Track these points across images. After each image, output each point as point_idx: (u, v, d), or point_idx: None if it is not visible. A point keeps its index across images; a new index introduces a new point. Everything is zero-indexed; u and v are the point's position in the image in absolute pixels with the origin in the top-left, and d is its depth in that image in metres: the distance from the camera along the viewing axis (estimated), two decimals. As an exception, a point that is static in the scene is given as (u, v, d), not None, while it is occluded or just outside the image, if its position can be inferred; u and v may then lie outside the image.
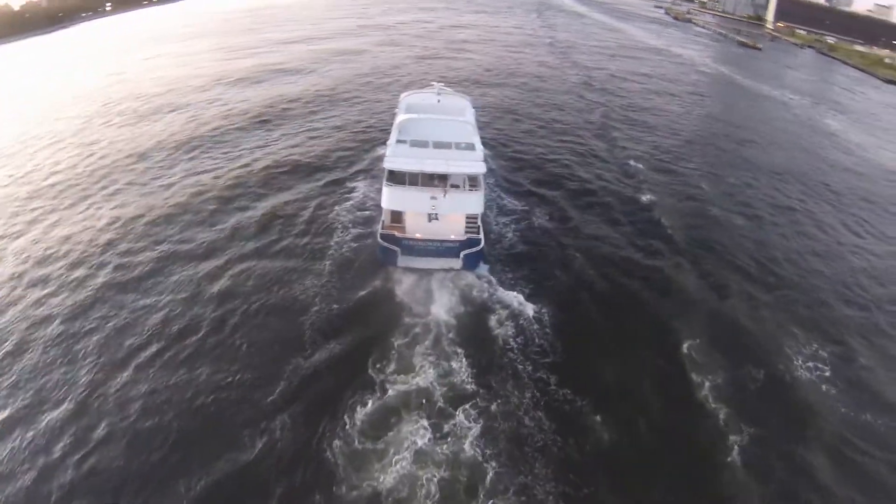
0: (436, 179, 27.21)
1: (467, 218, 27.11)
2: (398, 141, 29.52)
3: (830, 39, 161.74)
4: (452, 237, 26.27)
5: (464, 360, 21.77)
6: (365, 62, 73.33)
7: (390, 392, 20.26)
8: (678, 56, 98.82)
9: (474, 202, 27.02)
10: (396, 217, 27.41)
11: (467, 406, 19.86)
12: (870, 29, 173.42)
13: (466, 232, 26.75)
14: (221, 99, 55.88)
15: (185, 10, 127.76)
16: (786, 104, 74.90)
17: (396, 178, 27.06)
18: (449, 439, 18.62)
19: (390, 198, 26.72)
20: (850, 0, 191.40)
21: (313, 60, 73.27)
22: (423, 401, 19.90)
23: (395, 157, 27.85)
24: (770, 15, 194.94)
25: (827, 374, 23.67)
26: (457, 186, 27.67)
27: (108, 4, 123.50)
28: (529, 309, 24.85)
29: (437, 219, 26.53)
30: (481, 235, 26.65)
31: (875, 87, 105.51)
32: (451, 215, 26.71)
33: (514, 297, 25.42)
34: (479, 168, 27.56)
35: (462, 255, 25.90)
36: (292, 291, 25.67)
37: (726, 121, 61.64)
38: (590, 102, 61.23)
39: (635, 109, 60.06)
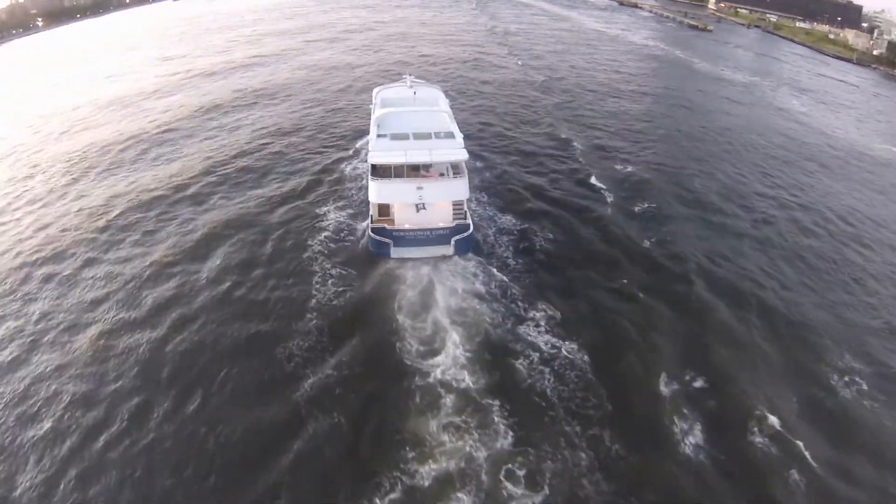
0: (421, 169, 27.95)
1: (454, 205, 27.49)
2: (379, 136, 29.97)
3: (773, 17, 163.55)
4: (441, 225, 26.64)
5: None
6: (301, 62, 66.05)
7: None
8: (632, 43, 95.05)
9: (460, 188, 27.38)
10: (384, 210, 27.80)
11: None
12: (808, 5, 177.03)
13: (454, 218, 27.19)
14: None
15: (116, 23, 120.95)
16: (747, 86, 71.80)
17: (381, 171, 27.47)
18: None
19: (378, 191, 26.94)
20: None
21: (252, 65, 68.88)
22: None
23: (377, 151, 28.29)
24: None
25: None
26: (441, 175, 28.24)
27: (39, 20, 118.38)
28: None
29: (424, 208, 26.94)
30: (469, 220, 27.20)
31: (824, 63, 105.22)
32: (438, 203, 27.04)
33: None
34: (462, 154, 27.97)
35: (453, 241, 26.36)
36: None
37: (696, 111, 57.31)
38: (551, 106, 55.49)
39: (596, 110, 54.82)
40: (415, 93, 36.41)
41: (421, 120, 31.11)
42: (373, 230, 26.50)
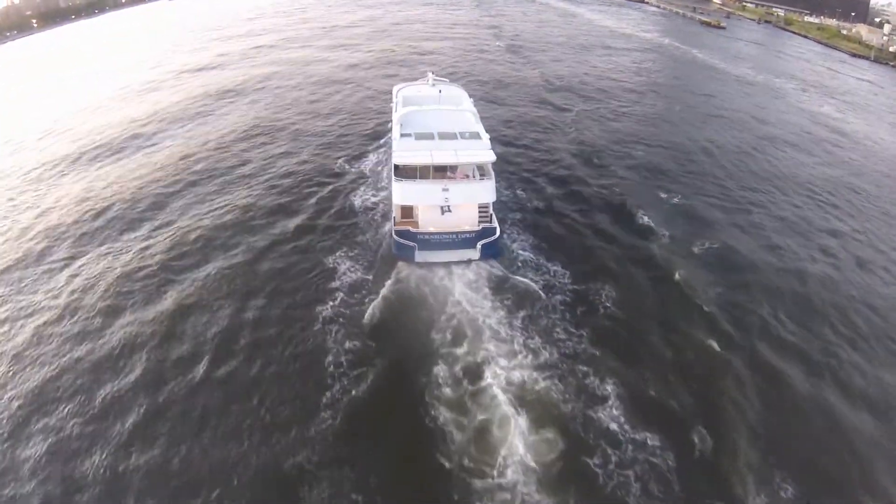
0: (448, 171, 27.09)
1: (480, 207, 26.36)
2: (402, 135, 28.66)
3: (779, 11, 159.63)
4: (467, 228, 25.64)
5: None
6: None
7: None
8: (647, 41, 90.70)
9: (487, 191, 26.28)
10: (407, 212, 26.66)
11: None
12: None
13: (480, 221, 26.10)
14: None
15: (111, 24, 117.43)
16: (775, 91, 67.76)
17: (406, 172, 26.48)
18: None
19: (402, 193, 25.83)
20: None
21: (258, 69, 62.87)
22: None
23: (401, 151, 27.14)
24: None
25: None
26: (466, 177, 27.56)
27: (34, 22, 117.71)
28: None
29: (449, 211, 26.02)
30: (496, 224, 26.13)
31: (841, 61, 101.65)
32: (464, 206, 26.07)
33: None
34: (489, 156, 26.91)
35: (479, 245, 25.25)
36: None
37: (731, 121, 52.91)
38: (572, 116, 51.15)
39: (619, 116, 50.55)
40: (440, 91, 34.93)
41: (446, 119, 30.17)
42: (397, 233, 25.33)
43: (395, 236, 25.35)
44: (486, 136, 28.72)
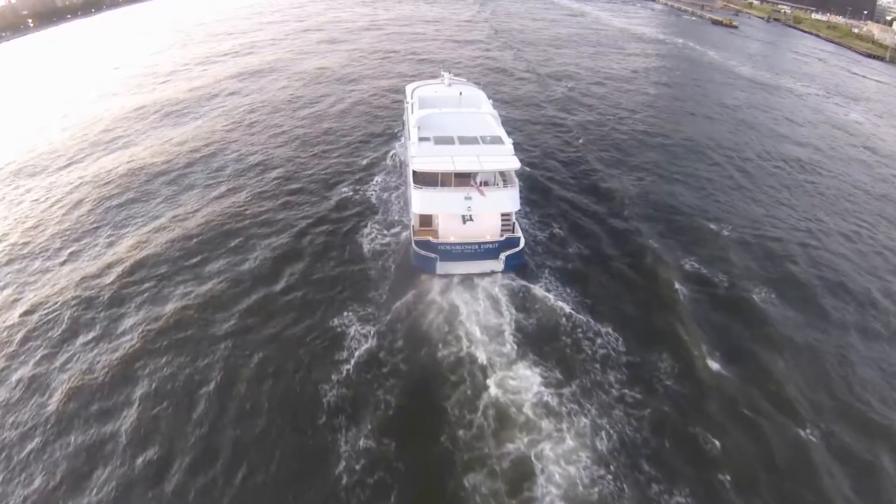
0: (472, 179, 25.32)
1: (502, 216, 25.16)
2: (421, 139, 27.06)
3: (786, 8, 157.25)
4: (489, 238, 24.33)
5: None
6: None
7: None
8: (662, 43, 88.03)
9: (510, 199, 24.95)
10: (426, 220, 25.36)
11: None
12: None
13: (503, 231, 24.91)
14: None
15: (107, 23, 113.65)
16: (799, 97, 65.25)
17: (425, 179, 24.96)
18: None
19: (421, 201, 24.46)
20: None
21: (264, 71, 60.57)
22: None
23: (422, 156, 25.62)
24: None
25: None
26: (486, 183, 25.85)
27: (30, 21, 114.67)
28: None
29: (471, 220, 24.65)
30: (520, 234, 24.92)
31: (856, 62, 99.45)
32: (486, 215, 24.67)
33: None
34: (514, 163, 25.58)
35: (503, 256, 23.84)
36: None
37: (760, 132, 50.36)
38: (593, 130, 48.48)
39: (652, 132, 47.90)
40: (454, 92, 32.66)
41: (466, 122, 28.58)
42: (417, 244, 23.86)
43: (415, 247, 23.78)
44: (508, 141, 27.07)
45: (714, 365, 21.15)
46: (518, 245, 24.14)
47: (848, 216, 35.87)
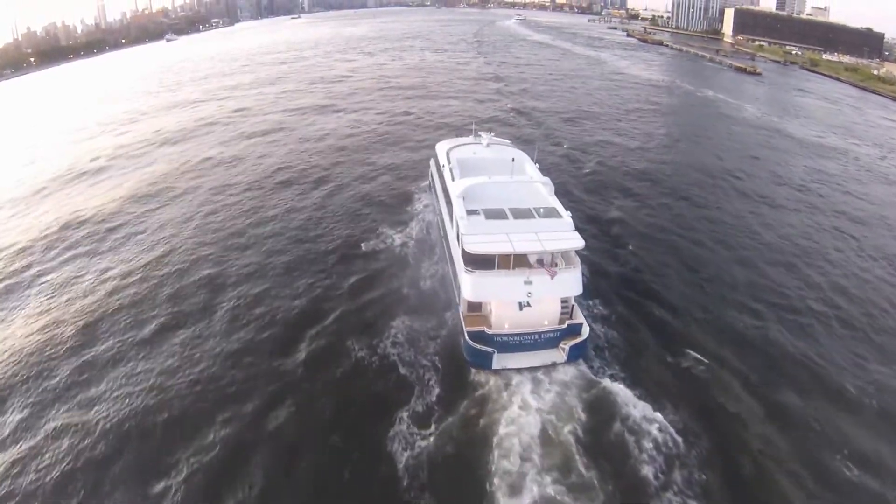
0: (535, 261, 22.74)
1: (562, 301, 22.42)
2: (469, 212, 24.01)
3: (795, 49, 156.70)
4: (549, 325, 21.84)
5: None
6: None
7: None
8: (688, 93, 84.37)
9: (573, 283, 22.18)
10: (475, 306, 22.61)
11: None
12: (827, 35, 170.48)
13: (562, 317, 22.35)
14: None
15: (110, 65, 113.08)
16: (844, 154, 60.11)
17: (479, 262, 21.83)
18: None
19: (475, 288, 21.70)
20: (803, 6, 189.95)
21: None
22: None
23: (474, 235, 22.42)
24: (728, 28, 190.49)
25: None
26: (556, 264, 22.82)
27: (32, 60, 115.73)
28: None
29: (528, 305, 21.79)
30: (582, 320, 22.29)
31: (885, 107, 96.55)
32: (545, 300, 21.88)
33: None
34: (578, 242, 22.59)
35: (566, 346, 21.23)
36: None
37: (820, 208, 44.59)
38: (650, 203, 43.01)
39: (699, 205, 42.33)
40: (513, 159, 28.55)
41: (516, 193, 25.69)
42: (469, 335, 21.27)
43: (468, 339, 21.14)
44: (567, 215, 24.08)
45: None
46: (581, 332, 21.83)
47: None
